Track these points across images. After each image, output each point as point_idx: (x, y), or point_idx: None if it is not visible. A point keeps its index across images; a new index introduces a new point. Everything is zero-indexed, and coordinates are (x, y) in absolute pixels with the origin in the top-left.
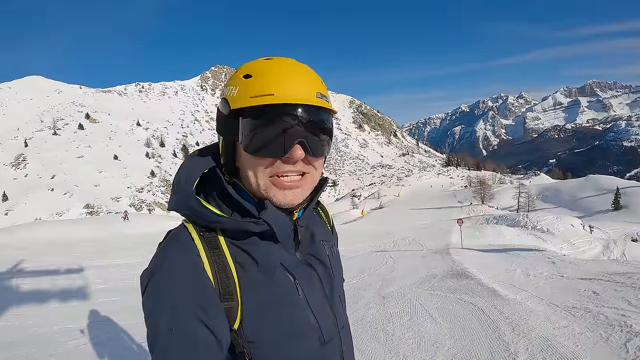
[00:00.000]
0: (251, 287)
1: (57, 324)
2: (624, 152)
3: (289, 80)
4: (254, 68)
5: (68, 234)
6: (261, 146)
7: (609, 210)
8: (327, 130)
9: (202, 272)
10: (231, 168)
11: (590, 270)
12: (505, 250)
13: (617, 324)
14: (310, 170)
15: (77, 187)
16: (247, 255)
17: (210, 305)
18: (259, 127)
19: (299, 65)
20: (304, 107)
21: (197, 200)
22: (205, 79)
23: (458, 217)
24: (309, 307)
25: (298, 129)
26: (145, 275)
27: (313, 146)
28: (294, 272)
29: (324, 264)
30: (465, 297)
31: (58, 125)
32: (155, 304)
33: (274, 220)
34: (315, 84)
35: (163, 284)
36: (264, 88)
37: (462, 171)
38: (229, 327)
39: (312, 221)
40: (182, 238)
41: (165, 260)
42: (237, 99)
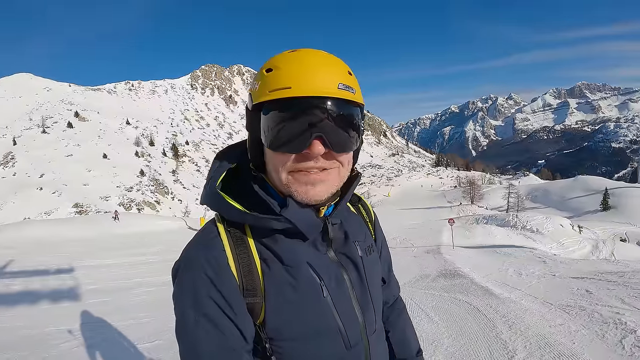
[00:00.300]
0: (275, 285)
1: (48, 325)
2: (612, 153)
3: (308, 72)
4: (276, 61)
5: (57, 233)
6: (280, 141)
7: (598, 211)
8: (351, 123)
9: (225, 267)
10: (258, 163)
11: (582, 270)
12: (496, 250)
13: (612, 322)
14: (335, 166)
15: (66, 186)
16: (273, 252)
17: (233, 299)
18: (277, 122)
19: (323, 55)
20: (322, 100)
21: (221, 196)
22: (196, 77)
23: (448, 217)
24: (334, 309)
25: (318, 123)
26: (174, 268)
27: (335, 141)
28: (320, 272)
29: (356, 265)
30: (460, 296)
31: (47, 124)
32: (181, 296)
33: (296, 217)
34: (339, 74)
35: (187, 277)
36: (282, 81)
37: (451, 171)
38: (252, 321)
39: (346, 219)
40: (209, 232)
41: (190, 254)
42: (259, 93)
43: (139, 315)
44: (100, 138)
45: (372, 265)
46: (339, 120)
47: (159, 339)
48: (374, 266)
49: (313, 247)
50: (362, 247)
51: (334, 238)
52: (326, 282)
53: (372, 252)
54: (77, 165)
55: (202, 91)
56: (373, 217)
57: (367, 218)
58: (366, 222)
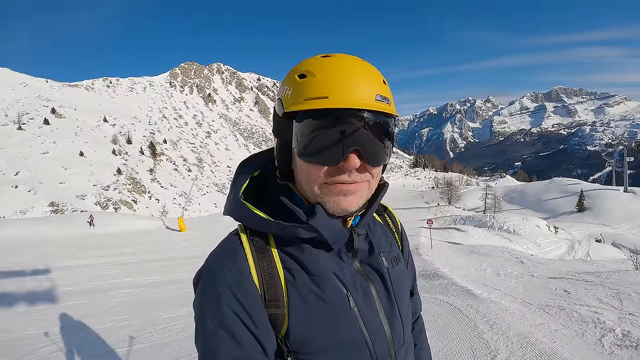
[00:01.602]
0: (299, 295)
1: (26, 329)
2: (587, 156)
3: (345, 81)
4: (309, 67)
5: (33, 233)
6: (314, 153)
7: (573, 212)
8: (387, 136)
9: (247, 276)
10: (286, 171)
11: (559, 270)
12: (474, 250)
13: (590, 321)
14: (367, 179)
15: (42, 185)
16: (297, 261)
17: (254, 309)
18: (312, 133)
19: (359, 63)
20: (360, 112)
21: (244, 205)
22: (175, 75)
23: (426, 218)
24: (361, 321)
25: (354, 136)
26: (195, 277)
27: (370, 154)
28: (346, 283)
29: (382, 276)
30: (440, 297)
31: (23, 120)
32: (202, 305)
33: (324, 226)
34: (376, 85)
35: (208, 287)
36: (318, 90)
37: (429, 172)
38: (274, 334)
39: (372, 230)
40: (232, 242)
41: (212, 264)
42: (291, 100)
43: (117, 317)
44: (77, 135)
45: (399, 277)
46: (376, 133)
47: (140, 342)
48: (401, 277)
49: (338, 258)
50: (388, 258)
51: (359, 249)
52: (353, 293)
53: (399, 263)
54: (53, 163)
55: (180, 89)
56: (400, 227)
57: (394, 228)
58: (392, 232)
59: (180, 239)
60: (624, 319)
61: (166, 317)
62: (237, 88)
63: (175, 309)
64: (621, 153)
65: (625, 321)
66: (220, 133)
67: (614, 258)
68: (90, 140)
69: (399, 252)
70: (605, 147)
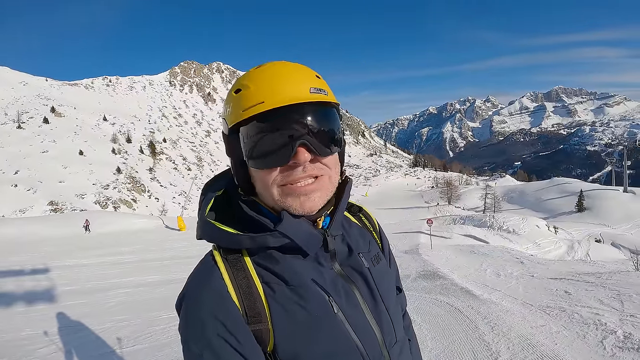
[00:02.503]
0: (281, 307)
1: (24, 329)
2: (587, 156)
3: (278, 83)
4: (243, 81)
5: (32, 232)
6: (264, 158)
7: (573, 212)
8: (330, 124)
9: (225, 296)
10: (247, 187)
11: (559, 270)
12: (474, 250)
13: (592, 322)
14: (324, 172)
15: (42, 183)
16: (274, 273)
17: (237, 328)
18: (257, 138)
19: (289, 64)
20: (297, 106)
21: (212, 224)
22: (174, 74)
23: (425, 218)
24: (348, 326)
25: (296, 131)
26: (177, 302)
27: (317, 145)
28: (327, 288)
29: (364, 277)
30: (441, 298)
31: (22, 119)
32: (185, 330)
33: (293, 231)
34: (308, 79)
35: (189, 311)
36: (253, 98)
37: (429, 172)
38: (261, 350)
39: (348, 231)
40: (206, 263)
41: (191, 287)
42: (232, 116)
43: (116, 318)
44: (77, 134)
45: (382, 275)
46: (318, 124)
47: (138, 343)
48: (384, 275)
49: (316, 263)
50: (368, 258)
51: (337, 251)
52: (335, 298)
53: (380, 261)
54: (53, 162)
55: (180, 88)
56: (377, 226)
57: (371, 227)
58: (370, 232)
59: (179, 238)
60: (625, 321)
61: (165, 317)
62: None
63: (175, 309)
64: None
65: (627, 323)
66: (220, 132)
67: (614, 258)
68: (90, 139)
69: (378, 250)
70: (605, 147)
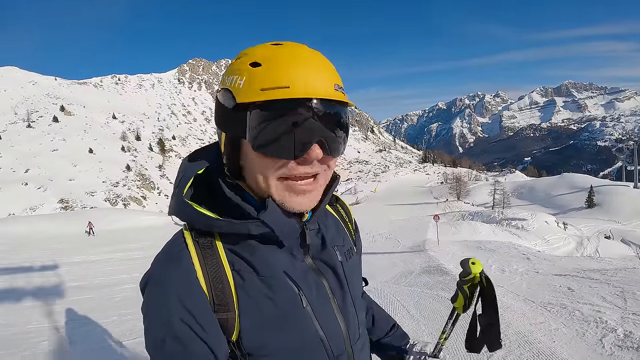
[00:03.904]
0: (249, 297)
1: (31, 322)
2: (597, 152)
3: (305, 71)
4: (263, 55)
5: (42, 229)
6: (274, 145)
7: (583, 208)
8: (345, 126)
9: (193, 281)
10: (234, 167)
11: (565, 267)
12: (480, 246)
13: (592, 320)
14: (324, 171)
15: (52, 182)
16: (246, 262)
17: (203, 316)
18: (272, 124)
19: (314, 53)
20: (323, 102)
21: (189, 205)
22: (183, 72)
23: (434, 213)
24: (315, 320)
25: (317, 127)
26: (142, 281)
27: (332, 145)
28: (298, 281)
29: (335, 271)
30: (442, 293)
31: (32, 118)
32: (149, 313)
33: (275, 222)
34: (333, 75)
35: (154, 294)
36: (277, 79)
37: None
38: (225, 338)
39: (324, 223)
40: (176, 245)
41: (157, 269)
42: (245, 90)
43: (121, 312)
44: (86, 132)
45: (353, 270)
46: (337, 124)
47: (141, 336)
48: (355, 270)
49: (289, 255)
50: (342, 252)
51: (311, 244)
52: (305, 292)
53: (353, 256)
54: (63, 160)
55: (189, 85)
56: (352, 217)
57: (347, 218)
58: (345, 223)
59: None
60: (626, 319)
61: None
62: None
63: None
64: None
65: (628, 321)
66: None
67: (623, 255)
68: (99, 137)
69: (351, 244)
70: (615, 143)
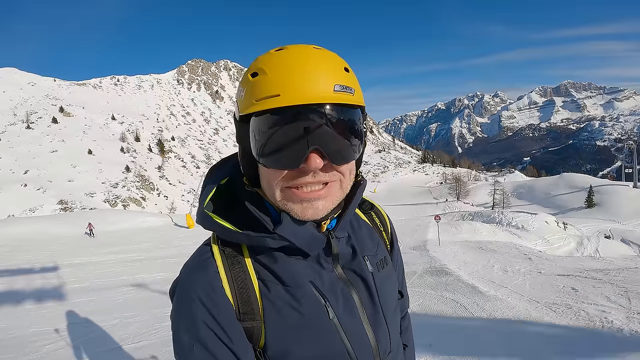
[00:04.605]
0: (274, 307)
1: (32, 326)
2: (597, 151)
3: (298, 75)
4: (261, 63)
5: (42, 231)
6: (272, 157)
7: (582, 208)
8: (351, 129)
9: (219, 290)
10: (252, 176)
11: (567, 267)
12: (482, 246)
13: (598, 320)
14: (336, 178)
15: (51, 183)
16: (272, 272)
17: (228, 323)
18: (267, 136)
19: (315, 52)
20: (317, 107)
21: (210, 217)
22: (182, 72)
23: (433, 214)
24: (342, 332)
25: (313, 134)
26: (171, 289)
27: (333, 152)
28: (325, 292)
29: (366, 282)
30: (446, 294)
31: (31, 119)
32: (177, 319)
33: (293, 234)
34: (334, 74)
35: (182, 301)
36: (269, 88)
37: (437, 168)
38: (251, 346)
39: (356, 231)
40: (203, 254)
41: (185, 277)
42: (245, 102)
43: (123, 314)
44: (85, 134)
45: (385, 281)
46: (338, 128)
47: (144, 339)
48: (387, 282)
49: (317, 264)
50: (373, 262)
51: (339, 253)
52: (332, 303)
53: (386, 266)
54: (62, 162)
55: (188, 86)
56: (388, 226)
57: (381, 227)
58: (380, 232)
59: (188, 235)
60: (632, 319)
61: None
62: None
63: None
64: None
65: (634, 320)
66: (228, 130)
67: (623, 254)
68: (99, 138)
69: (386, 253)
70: (615, 142)
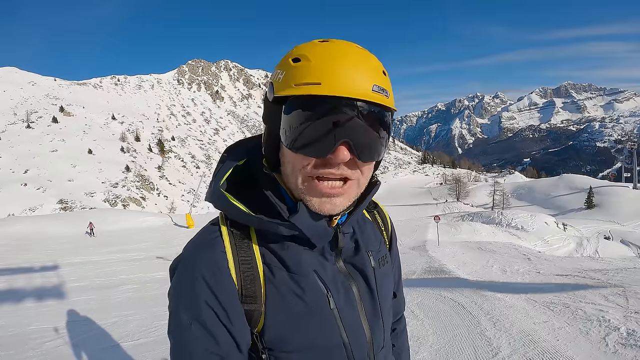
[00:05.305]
0: (278, 292)
1: (32, 324)
2: (597, 153)
3: (340, 68)
4: (304, 51)
5: (42, 230)
6: (301, 142)
7: (582, 209)
8: (382, 129)
9: (224, 270)
10: (273, 160)
11: (566, 267)
12: (481, 247)
13: (595, 319)
14: (356, 176)
15: (51, 182)
16: (278, 257)
17: (229, 304)
18: (301, 120)
19: (358, 50)
20: (354, 102)
21: (224, 196)
22: (182, 72)
23: (433, 214)
24: (340, 323)
25: (346, 127)
26: (172, 265)
27: (361, 148)
28: (328, 283)
29: (366, 276)
30: (445, 293)
31: (32, 119)
32: (176, 297)
33: (306, 225)
34: (374, 74)
35: (184, 278)
36: (310, 75)
37: (437, 169)
38: (249, 330)
39: (360, 228)
40: (211, 232)
41: (190, 254)
42: (282, 85)
43: (123, 313)
44: (86, 133)
45: (384, 278)
46: (369, 126)
47: (143, 337)
48: (386, 279)
49: (321, 256)
50: (376, 258)
51: (343, 248)
52: (333, 294)
53: (386, 264)
54: (62, 161)
55: (188, 86)
56: (389, 226)
57: (382, 226)
58: (381, 231)
59: (188, 235)
60: (629, 318)
61: None
62: (244, 85)
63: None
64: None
65: (631, 320)
66: (228, 130)
67: (623, 255)
68: (99, 138)
69: (387, 251)
70: (615, 144)
